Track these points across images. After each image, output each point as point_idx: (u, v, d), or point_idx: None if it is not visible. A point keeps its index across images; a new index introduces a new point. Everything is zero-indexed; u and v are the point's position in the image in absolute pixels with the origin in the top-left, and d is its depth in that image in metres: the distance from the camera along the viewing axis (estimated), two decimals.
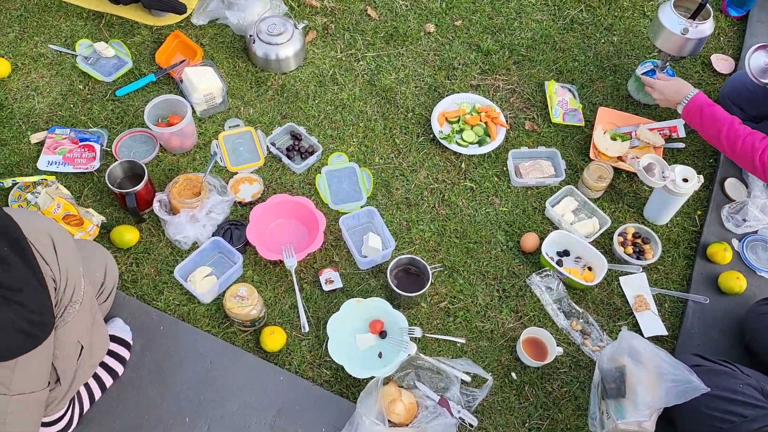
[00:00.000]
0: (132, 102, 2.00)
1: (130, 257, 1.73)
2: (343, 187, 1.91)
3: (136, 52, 2.11)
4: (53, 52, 2.07)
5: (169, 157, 1.91)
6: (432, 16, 2.28)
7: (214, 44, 2.15)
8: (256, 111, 2.03)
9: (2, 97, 1.96)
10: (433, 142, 2.00)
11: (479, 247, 1.82)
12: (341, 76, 2.12)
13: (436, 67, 2.17)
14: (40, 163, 1.84)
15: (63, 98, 1.99)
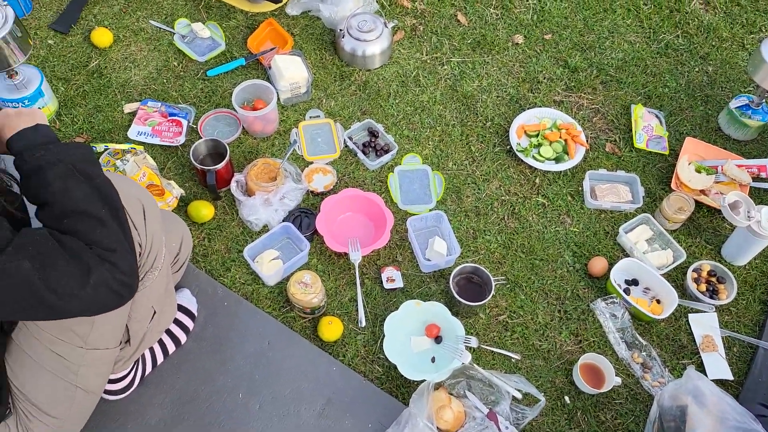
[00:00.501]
0: (221, 83, 2.07)
1: (203, 232, 1.80)
2: (413, 188, 1.92)
3: (230, 36, 2.18)
4: (153, 27, 2.16)
5: (249, 139, 1.97)
6: (522, 27, 2.26)
7: (304, 35, 2.20)
8: (337, 104, 2.06)
9: (102, 66, 2.06)
10: (509, 154, 1.99)
11: (545, 264, 1.79)
12: (424, 78, 2.13)
13: (521, 78, 2.15)
14: (130, 132, 1.92)
15: (158, 73, 2.08)
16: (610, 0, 2.34)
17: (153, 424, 1.51)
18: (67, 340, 1.18)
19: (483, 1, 2.31)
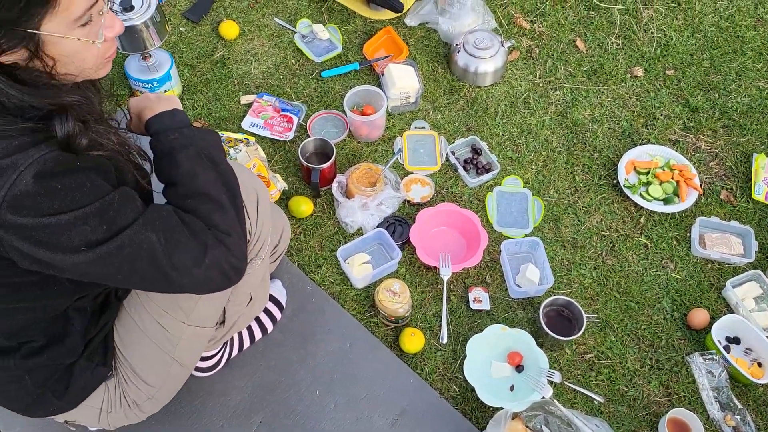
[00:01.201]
0: (333, 85, 2.12)
1: (300, 227, 1.84)
2: (511, 211, 1.89)
3: (347, 40, 2.23)
4: (276, 25, 2.25)
5: (354, 143, 2.01)
6: (643, 60, 2.19)
7: (419, 46, 2.22)
8: (443, 117, 2.06)
9: (226, 57, 2.16)
10: (615, 189, 1.92)
11: (640, 308, 1.72)
12: (534, 101, 2.10)
13: (636, 112, 2.07)
14: (244, 123, 2.01)
15: (275, 68, 2.15)
16: (741, 42, 2.22)
17: (232, 406, 1.56)
18: (172, 313, 1.24)
19: (605, 30, 2.25)
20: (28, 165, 0.88)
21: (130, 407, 1.30)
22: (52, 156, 0.90)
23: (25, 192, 0.88)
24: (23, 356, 1.12)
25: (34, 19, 0.87)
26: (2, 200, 0.87)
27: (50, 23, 0.89)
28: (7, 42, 0.87)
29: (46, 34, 0.89)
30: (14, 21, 0.86)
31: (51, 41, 0.91)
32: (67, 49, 0.93)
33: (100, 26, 0.96)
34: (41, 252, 0.92)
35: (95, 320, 1.21)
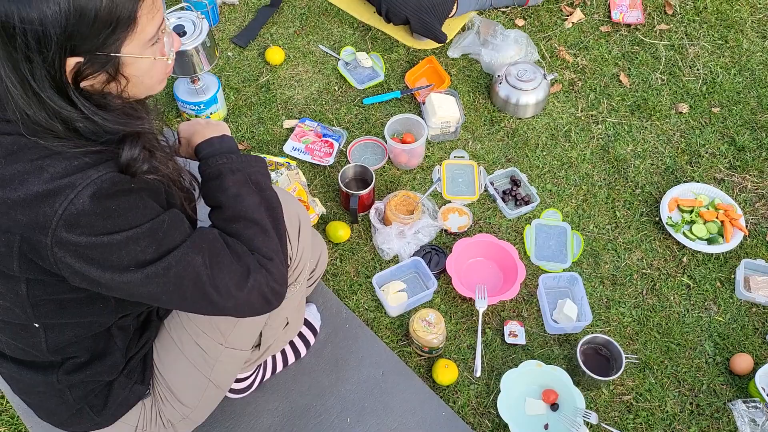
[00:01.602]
0: (374, 112, 2.15)
1: (337, 252, 1.85)
2: (550, 244, 1.87)
3: (390, 68, 2.25)
4: (321, 51, 2.29)
5: (393, 170, 2.02)
6: (688, 96, 2.16)
7: (461, 76, 2.23)
8: (483, 148, 2.06)
9: (271, 82, 2.20)
10: (657, 226, 1.89)
11: (681, 350, 1.67)
12: (576, 134, 2.09)
13: (680, 149, 2.04)
14: (286, 147, 2.04)
15: (318, 94, 2.19)
16: None
17: (263, 429, 1.56)
18: (210, 335, 1.26)
19: (650, 65, 2.23)
20: (86, 185, 0.91)
21: (165, 426, 1.31)
22: (109, 177, 0.93)
23: (82, 211, 0.90)
24: (66, 372, 1.15)
25: (116, 42, 0.91)
26: (59, 219, 0.90)
27: (129, 45, 0.93)
28: (91, 67, 0.91)
29: (126, 56, 0.94)
30: (100, 47, 0.90)
31: (128, 62, 0.95)
32: (141, 69, 0.98)
33: (164, 44, 1.00)
34: (92, 270, 0.95)
35: (136, 338, 1.23)
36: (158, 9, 0.97)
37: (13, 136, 0.92)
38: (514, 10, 2.38)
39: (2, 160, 0.92)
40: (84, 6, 0.85)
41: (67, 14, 0.85)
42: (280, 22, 2.34)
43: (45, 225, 0.90)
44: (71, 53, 0.88)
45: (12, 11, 0.84)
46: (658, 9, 2.36)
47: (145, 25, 0.94)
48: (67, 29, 0.85)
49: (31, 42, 0.85)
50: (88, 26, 0.87)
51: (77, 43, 0.88)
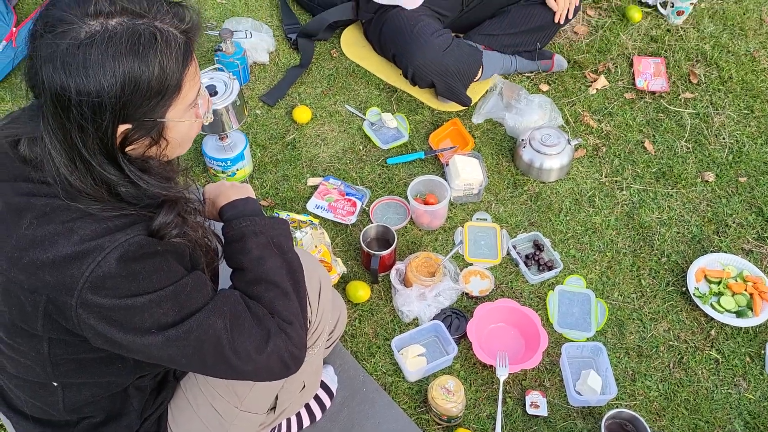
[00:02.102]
0: (398, 172, 2.16)
1: (356, 312, 1.84)
2: (573, 311, 1.84)
3: (414, 129, 2.28)
4: (347, 111, 2.33)
5: (415, 230, 2.02)
6: (714, 165, 2.14)
7: (484, 138, 2.25)
8: (506, 211, 2.06)
9: (297, 140, 2.24)
10: (684, 296, 1.85)
11: (710, 428, 1.61)
12: (600, 200, 2.08)
13: (706, 218, 2.02)
14: (309, 204, 2.05)
15: (343, 153, 2.22)
16: None
17: None
18: (226, 397, 1.24)
19: (675, 133, 2.23)
20: (113, 248, 0.92)
21: None
22: (137, 240, 0.94)
23: (108, 274, 0.91)
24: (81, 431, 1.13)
25: (163, 109, 0.95)
26: (85, 281, 0.91)
27: (173, 110, 0.97)
28: (138, 132, 0.95)
29: (169, 121, 0.97)
30: (148, 113, 0.93)
31: (170, 126, 0.99)
32: (180, 131, 1.02)
33: (199, 106, 1.04)
34: (114, 332, 0.95)
35: (152, 399, 1.21)
36: (197, 74, 1.01)
37: (48, 198, 0.95)
38: (538, 75, 2.42)
39: (35, 221, 0.93)
40: (138, 76, 0.89)
41: (123, 85, 0.88)
42: (308, 82, 2.40)
43: (71, 286, 0.91)
44: (122, 121, 0.92)
45: (69, 84, 0.87)
46: (682, 78, 2.38)
47: (187, 90, 0.98)
48: (122, 99, 0.89)
49: (86, 112, 0.88)
50: (141, 95, 0.91)
51: (129, 111, 0.91)
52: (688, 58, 2.43)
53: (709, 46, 2.45)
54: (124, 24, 0.90)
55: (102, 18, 0.89)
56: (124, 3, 0.91)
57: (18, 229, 0.93)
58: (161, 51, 0.91)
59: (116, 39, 0.88)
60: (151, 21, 0.92)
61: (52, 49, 0.88)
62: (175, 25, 0.95)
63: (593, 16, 2.59)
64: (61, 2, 0.91)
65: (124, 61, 0.88)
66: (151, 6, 0.93)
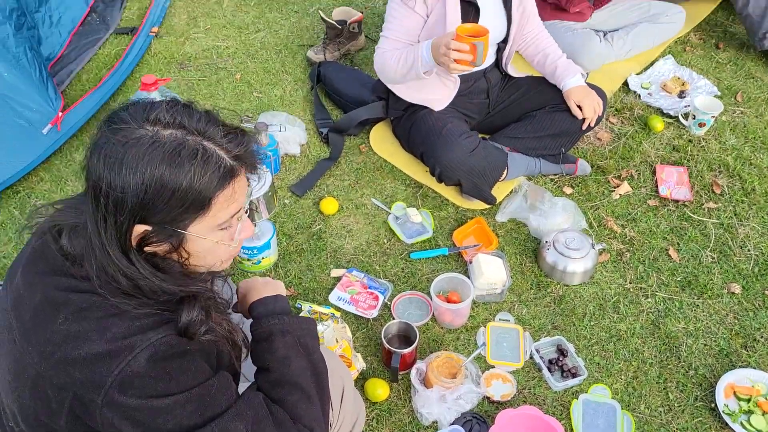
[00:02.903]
0: (421, 267, 2.17)
1: (374, 411, 1.79)
2: (598, 422, 1.77)
3: (438, 225, 2.31)
4: (373, 205, 2.37)
5: (436, 328, 2.00)
6: (740, 276, 2.13)
7: (508, 237, 2.27)
8: (529, 312, 2.04)
9: (323, 230, 2.28)
10: (713, 413, 1.78)
11: None
12: (624, 306, 2.06)
13: (734, 332, 1.98)
14: (331, 296, 2.05)
15: (367, 245, 2.24)
16: None
17: None
18: None
19: (699, 242, 2.23)
20: (144, 347, 0.92)
21: None
22: (167, 340, 0.95)
23: (137, 373, 0.91)
24: None
25: (185, 221, 0.97)
26: (114, 379, 0.91)
27: (197, 226, 0.98)
28: (156, 236, 0.97)
29: (191, 235, 0.98)
30: (168, 221, 0.95)
31: (192, 239, 1.00)
32: (203, 247, 1.02)
33: (235, 230, 1.04)
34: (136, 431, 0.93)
35: None
36: (236, 200, 1.01)
37: (86, 294, 0.96)
38: (562, 178, 2.46)
39: (70, 316, 0.95)
40: (164, 182, 0.92)
41: (147, 187, 0.91)
42: (337, 174, 2.47)
43: (100, 384, 0.91)
44: (140, 221, 0.94)
45: (104, 175, 0.92)
46: (705, 188, 2.41)
47: (217, 211, 0.99)
48: (143, 200, 0.92)
49: (110, 204, 0.92)
50: (162, 201, 0.93)
51: (148, 213, 0.94)
52: (710, 169, 2.47)
53: (731, 158, 2.50)
54: (174, 136, 0.94)
55: (158, 126, 0.94)
56: (183, 119, 0.95)
57: (53, 324, 0.95)
58: (196, 166, 0.93)
59: (159, 146, 0.92)
60: (203, 139, 0.96)
61: (104, 141, 0.93)
62: (226, 148, 0.98)
63: (616, 124, 2.66)
64: (133, 105, 0.97)
65: (156, 165, 0.91)
66: (208, 127, 0.97)
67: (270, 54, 2.96)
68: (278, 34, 3.07)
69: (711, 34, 3.13)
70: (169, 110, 0.96)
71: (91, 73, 2.80)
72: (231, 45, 3.00)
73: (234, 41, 3.02)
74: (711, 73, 2.91)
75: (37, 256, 1.03)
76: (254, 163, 1.03)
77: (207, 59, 2.92)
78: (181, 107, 0.98)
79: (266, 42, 3.02)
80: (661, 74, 2.88)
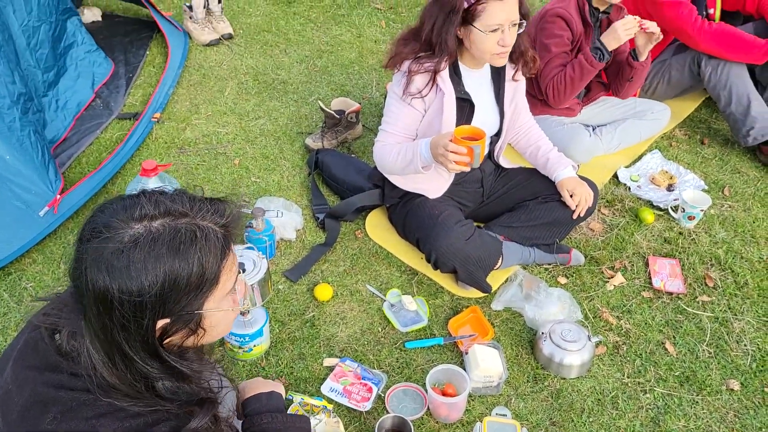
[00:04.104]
0: (416, 357, 2.13)
1: None
2: None
3: (433, 313, 2.29)
4: (368, 291, 2.36)
5: (431, 422, 1.94)
6: (738, 372, 2.10)
7: (504, 327, 2.24)
8: (526, 406, 1.99)
9: (316, 318, 2.25)
10: None
11: None
12: (623, 402, 2.01)
13: (735, 430, 1.93)
14: (323, 387, 2.00)
15: (361, 334, 2.21)
16: None
17: None
18: None
19: (695, 336, 2.22)
20: None
21: None
22: None
23: None
24: None
25: (200, 301, 0.97)
26: None
27: (211, 301, 0.99)
28: (176, 325, 0.97)
29: (207, 311, 0.98)
30: (186, 307, 0.95)
31: (208, 315, 1.00)
32: (218, 319, 1.03)
33: (237, 293, 1.05)
34: None
35: None
36: (235, 264, 1.04)
37: (76, 392, 0.93)
38: (556, 268, 2.47)
39: (58, 416, 0.92)
40: (178, 273, 0.92)
41: (163, 283, 0.91)
42: (332, 260, 2.47)
43: None
44: (162, 316, 0.93)
45: (112, 286, 0.91)
46: (698, 280, 2.42)
47: (225, 280, 1.01)
48: (162, 296, 0.91)
49: (127, 312, 0.90)
50: (180, 291, 0.93)
51: (169, 306, 0.93)
52: (702, 262, 2.50)
53: (722, 251, 2.53)
54: (167, 225, 0.95)
55: (146, 221, 0.94)
56: (167, 205, 0.96)
57: (41, 424, 0.91)
58: (200, 248, 0.95)
59: (159, 240, 0.93)
60: (192, 219, 0.97)
61: (99, 253, 0.92)
62: (214, 220, 1.00)
63: (607, 215, 2.71)
64: (108, 208, 0.96)
65: (165, 260, 0.92)
66: (193, 205, 0.99)
67: (269, 140, 3.03)
68: (277, 122, 3.15)
69: (696, 130, 3.25)
70: (150, 202, 0.96)
71: (92, 156, 2.84)
72: (231, 131, 3.08)
73: (234, 127, 3.10)
74: (698, 168, 2.99)
75: (30, 349, 1.01)
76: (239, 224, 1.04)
77: (206, 144, 2.98)
78: (159, 195, 0.99)
79: (265, 129, 3.10)
80: (649, 168, 2.96)
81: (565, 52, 2.71)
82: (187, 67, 3.48)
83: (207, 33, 3.67)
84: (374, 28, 3.97)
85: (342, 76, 3.52)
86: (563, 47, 2.70)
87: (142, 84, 3.33)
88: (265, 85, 3.40)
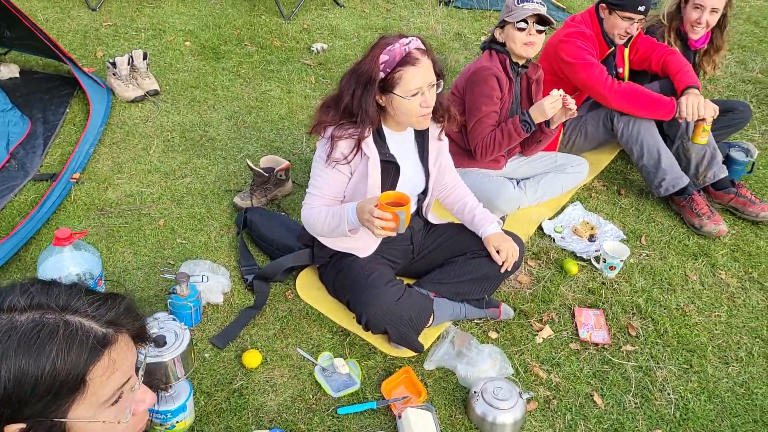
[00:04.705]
0: (348, 423, 2.08)
1: None
2: None
3: (366, 375, 2.25)
4: (298, 355, 2.30)
5: None
6: (663, 422, 2.16)
7: (437, 387, 2.23)
8: None
9: (244, 387, 2.17)
10: None
11: None
12: None
13: None
14: None
15: (291, 401, 2.14)
16: (760, 411, 2.22)
17: None
18: None
19: (621, 386, 2.27)
20: None
21: None
22: None
23: None
24: None
25: (62, 408, 0.89)
26: None
27: (78, 409, 0.90)
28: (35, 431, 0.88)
29: (73, 421, 0.90)
30: (42, 412, 0.87)
31: (77, 426, 0.91)
32: (96, 430, 0.93)
33: (130, 401, 0.96)
34: None
35: None
36: (117, 369, 0.93)
37: None
38: (487, 323, 2.49)
39: None
40: (26, 372, 0.85)
41: (7, 381, 0.84)
42: (261, 324, 2.40)
43: None
44: (10, 420, 0.86)
45: None
46: (622, 330, 2.50)
47: (97, 388, 0.90)
48: (6, 396, 0.84)
49: None
50: (27, 393, 0.85)
51: (17, 409, 0.85)
52: (624, 311, 2.58)
53: (642, 300, 2.63)
54: (31, 318, 0.88)
55: (13, 312, 0.88)
56: (41, 298, 0.90)
57: None
58: (59, 344, 0.86)
59: (14, 333, 0.86)
60: (62, 315, 0.89)
61: None
62: (94, 316, 0.91)
63: (534, 267, 2.78)
64: None
65: (12, 355, 0.84)
66: (70, 300, 0.91)
67: (196, 200, 2.97)
68: (205, 180, 3.09)
69: (613, 181, 3.40)
70: (24, 293, 0.90)
71: (4, 221, 2.69)
72: (156, 191, 2.99)
73: (159, 187, 3.02)
74: (616, 218, 3.13)
75: None
76: (135, 324, 0.96)
77: (129, 205, 2.89)
78: (39, 286, 0.92)
79: (192, 188, 3.04)
80: (571, 219, 3.07)
81: (495, 111, 2.82)
82: (110, 125, 3.39)
83: (131, 89, 3.59)
84: (304, 83, 4.00)
85: (272, 132, 3.51)
86: (493, 106, 2.80)
87: (61, 143, 3.21)
88: (192, 143, 3.34)
